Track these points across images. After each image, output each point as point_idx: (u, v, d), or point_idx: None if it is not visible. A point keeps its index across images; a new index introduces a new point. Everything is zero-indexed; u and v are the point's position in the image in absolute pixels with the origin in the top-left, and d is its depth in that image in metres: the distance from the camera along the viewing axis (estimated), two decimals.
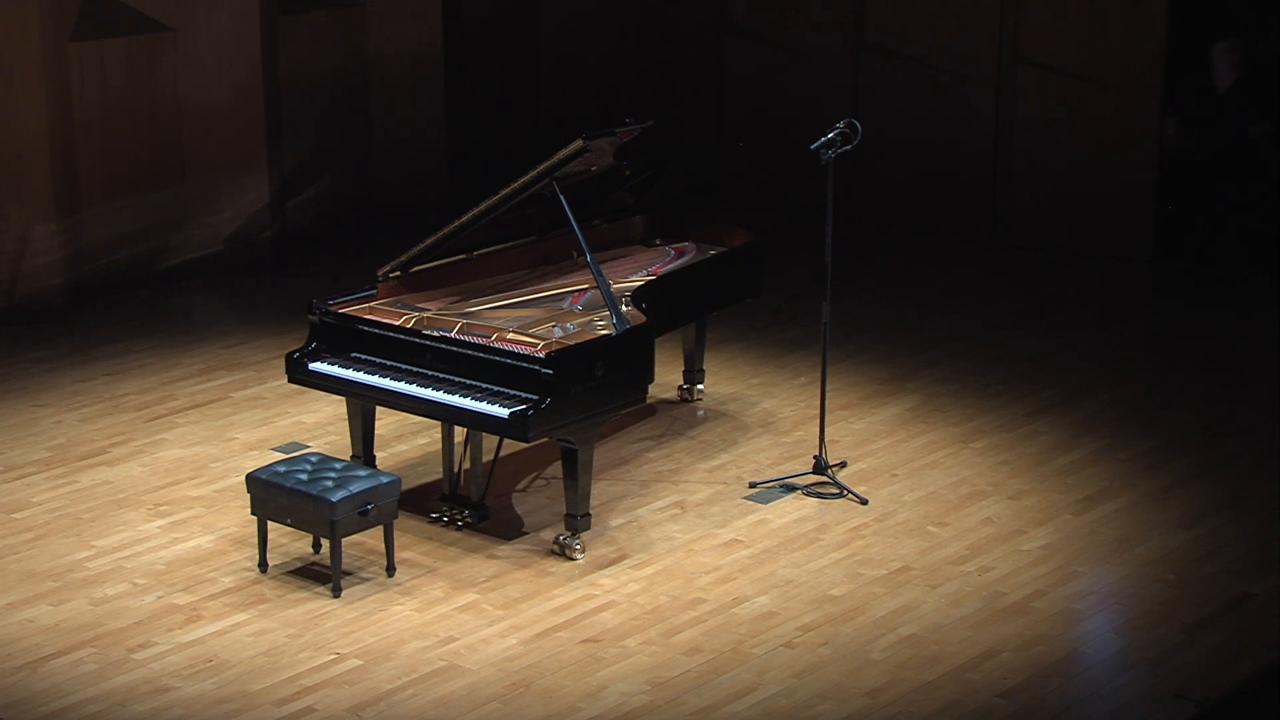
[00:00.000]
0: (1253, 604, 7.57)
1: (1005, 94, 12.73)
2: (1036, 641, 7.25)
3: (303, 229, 12.62)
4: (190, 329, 11.18)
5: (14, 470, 8.98)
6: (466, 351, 7.91)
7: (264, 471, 7.76)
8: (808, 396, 9.71)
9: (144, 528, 8.31)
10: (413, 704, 6.82)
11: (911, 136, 13.07)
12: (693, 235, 9.63)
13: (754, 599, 7.61)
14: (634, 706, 6.79)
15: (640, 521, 8.36)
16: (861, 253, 12.43)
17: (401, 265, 8.55)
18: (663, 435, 9.40)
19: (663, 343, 8.66)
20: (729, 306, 9.51)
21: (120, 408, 9.82)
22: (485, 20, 13.93)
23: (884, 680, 6.96)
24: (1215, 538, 8.19)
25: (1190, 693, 6.83)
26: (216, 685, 6.93)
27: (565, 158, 8.14)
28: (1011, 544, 8.12)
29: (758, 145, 13.20)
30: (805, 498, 8.60)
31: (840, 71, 13.40)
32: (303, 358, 8.31)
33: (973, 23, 12.80)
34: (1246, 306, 11.54)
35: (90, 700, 6.82)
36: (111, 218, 11.65)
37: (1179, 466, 8.98)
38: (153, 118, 11.74)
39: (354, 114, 12.89)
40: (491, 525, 8.26)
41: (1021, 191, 12.76)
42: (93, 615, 7.48)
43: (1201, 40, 12.00)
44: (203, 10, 11.75)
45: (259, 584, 7.75)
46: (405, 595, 7.64)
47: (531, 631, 7.34)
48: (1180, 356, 10.64)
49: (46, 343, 10.85)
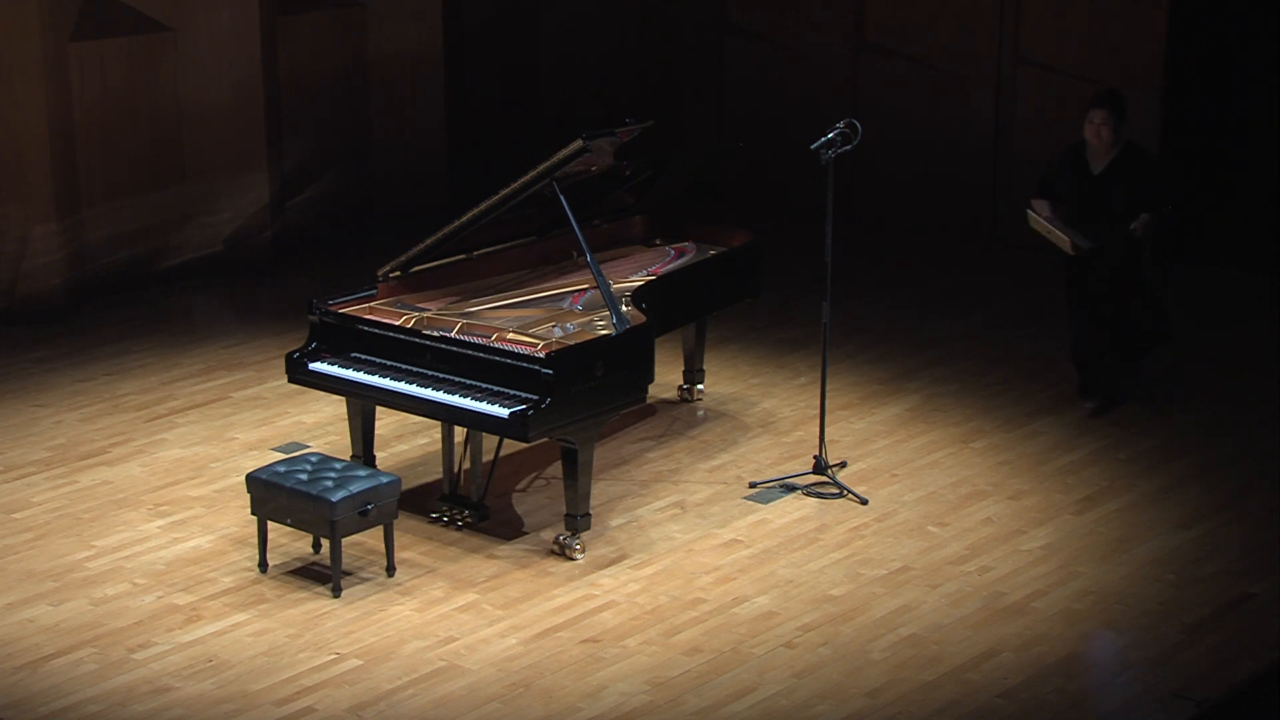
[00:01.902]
0: (1253, 604, 7.57)
1: (1005, 94, 12.73)
2: (1036, 641, 7.25)
3: (303, 229, 12.61)
4: (190, 329, 11.18)
5: (14, 470, 8.98)
6: (466, 351, 7.91)
7: (264, 471, 7.76)
8: (808, 396, 9.71)
9: (144, 528, 8.31)
10: (413, 704, 6.82)
11: (911, 136, 13.07)
12: (693, 235, 9.63)
13: (754, 599, 7.61)
14: (634, 706, 6.79)
15: (640, 521, 8.36)
16: (861, 253, 12.42)
17: (401, 265, 8.55)
18: (663, 435, 9.40)
19: (663, 343, 8.66)
20: (729, 306, 9.51)
21: (120, 408, 9.82)
22: (485, 20, 13.92)
23: (884, 680, 6.96)
24: (1215, 538, 8.19)
25: (1190, 693, 6.83)
26: (216, 685, 6.93)
27: (565, 158, 8.14)
28: (1011, 544, 8.12)
29: (757, 145, 13.18)
30: (805, 498, 8.60)
31: (840, 71, 13.40)
32: (303, 358, 8.31)
33: (973, 23, 12.79)
34: (1247, 306, 11.53)
35: (90, 700, 6.83)
36: (111, 218, 11.64)
37: (1179, 466, 8.98)
38: (153, 118, 11.73)
39: (354, 114, 12.88)
40: (491, 525, 8.26)
41: (1021, 192, 12.73)
42: (93, 615, 7.48)
43: (1201, 40, 12.01)
44: (203, 10, 11.74)
45: (259, 584, 7.75)
46: (405, 595, 7.64)
47: (531, 631, 7.34)
48: (1180, 356, 10.64)
49: (46, 343, 10.85)
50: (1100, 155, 9.36)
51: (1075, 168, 9.42)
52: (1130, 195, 9.28)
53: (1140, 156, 9.41)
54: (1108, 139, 9.29)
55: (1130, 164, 9.33)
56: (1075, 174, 9.41)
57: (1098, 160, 9.37)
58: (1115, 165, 9.34)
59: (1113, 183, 9.32)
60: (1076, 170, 9.41)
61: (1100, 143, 9.32)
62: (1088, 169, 9.39)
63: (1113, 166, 9.34)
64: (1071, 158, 9.45)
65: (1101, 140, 9.30)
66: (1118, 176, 9.32)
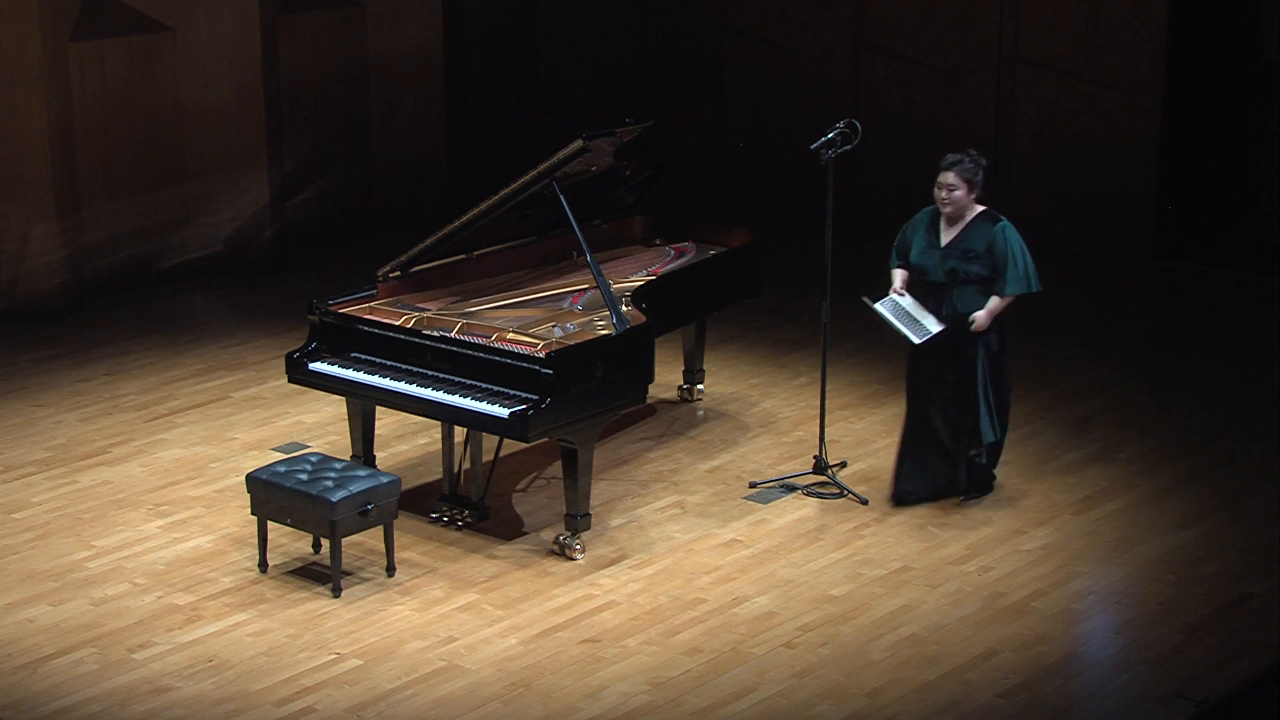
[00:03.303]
0: (1253, 604, 7.57)
1: (1005, 94, 12.73)
2: (1036, 641, 7.25)
3: (303, 229, 12.61)
4: (190, 329, 11.18)
5: (14, 470, 8.98)
6: (466, 351, 7.91)
7: (264, 471, 7.76)
8: (808, 396, 9.71)
9: (144, 528, 8.31)
10: (413, 704, 6.82)
11: (911, 136, 13.07)
12: (693, 235, 9.63)
13: (754, 599, 7.61)
14: (634, 706, 6.79)
15: (640, 521, 8.36)
16: (861, 253, 12.42)
17: (401, 265, 8.55)
18: (663, 435, 9.40)
19: (663, 343, 8.66)
20: (729, 306, 9.51)
21: (120, 408, 9.82)
22: (485, 20, 13.92)
23: (884, 680, 6.96)
24: (1215, 538, 8.19)
25: (1190, 693, 6.83)
26: (216, 685, 6.93)
27: (565, 158, 8.14)
28: (1011, 544, 8.12)
29: (757, 145, 13.18)
30: (805, 498, 8.59)
31: (840, 71, 13.40)
32: (303, 358, 8.31)
33: (972, 23, 12.80)
34: (1247, 306, 11.54)
35: (90, 700, 6.82)
36: (111, 218, 11.65)
37: (1179, 466, 8.98)
38: (153, 118, 11.74)
39: (354, 114, 12.88)
40: (491, 525, 8.26)
41: (1021, 192, 12.76)
42: (93, 615, 7.48)
43: (1201, 40, 12.02)
44: (203, 10, 11.75)
45: (259, 584, 7.75)
46: (405, 595, 7.64)
47: (531, 631, 7.34)
48: (1180, 356, 10.64)
49: (46, 343, 10.85)
50: (950, 223, 8.14)
51: (929, 232, 8.20)
52: (971, 277, 8.08)
53: (987, 232, 8.05)
54: (956, 205, 8.06)
55: (979, 239, 8.07)
56: (927, 242, 8.19)
57: (949, 228, 8.15)
58: (963, 238, 8.11)
59: (957, 259, 8.11)
60: (929, 237, 8.19)
61: (948, 209, 8.10)
62: (939, 237, 8.18)
63: (961, 239, 8.11)
64: (928, 221, 8.23)
65: (949, 207, 8.08)
66: (963, 252, 8.09)
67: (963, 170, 8.08)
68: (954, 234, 8.14)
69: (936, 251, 8.17)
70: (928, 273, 8.19)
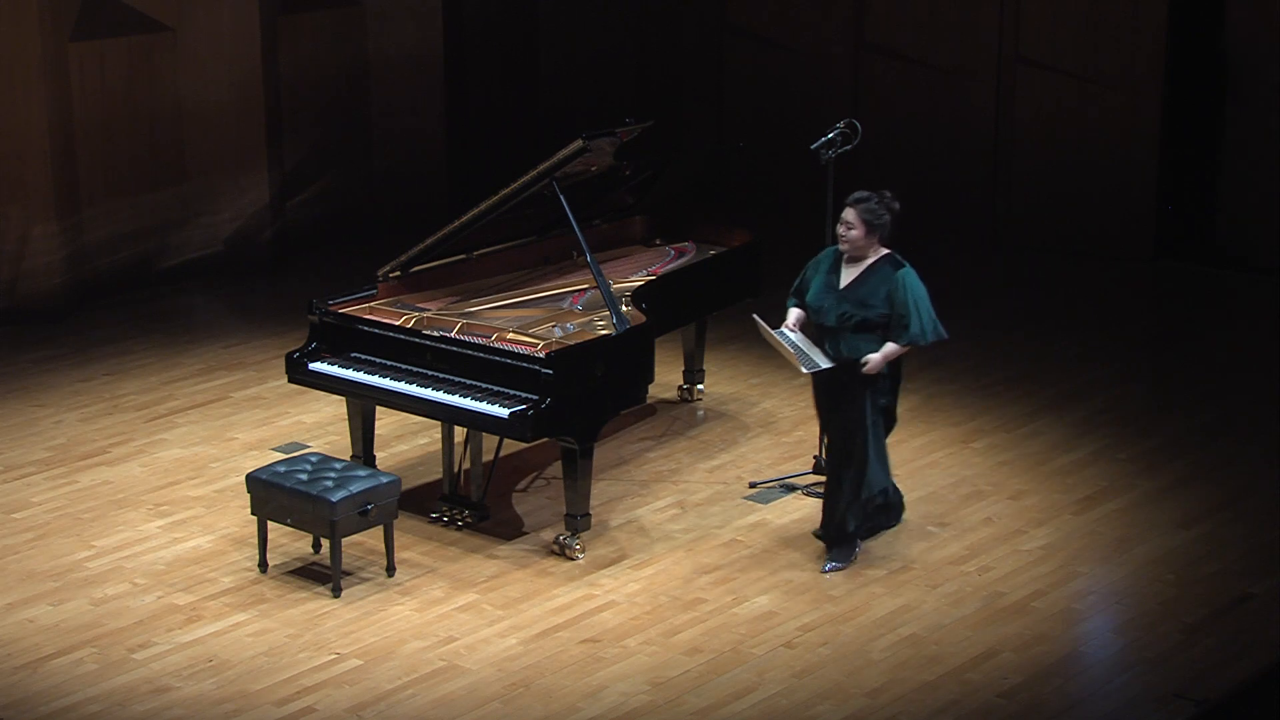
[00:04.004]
0: (1253, 604, 7.57)
1: (1005, 94, 12.73)
2: (1036, 641, 7.25)
3: (303, 229, 12.61)
4: (190, 329, 11.18)
5: (14, 470, 8.98)
6: (466, 351, 7.91)
7: (264, 471, 7.76)
8: (808, 396, 9.68)
9: (144, 528, 8.31)
10: (413, 704, 6.82)
11: (911, 136, 13.07)
12: (693, 235, 9.63)
13: (754, 599, 7.61)
14: (634, 706, 6.79)
15: (640, 521, 8.36)
16: None
17: (401, 265, 8.55)
18: (663, 435, 9.40)
19: (663, 343, 8.66)
20: (729, 306, 9.50)
21: (120, 408, 9.82)
22: (485, 20, 13.92)
23: (884, 680, 6.96)
24: (1215, 538, 8.19)
25: (1190, 693, 6.83)
26: (216, 685, 6.93)
27: (565, 158, 8.14)
28: (1011, 544, 8.12)
29: (757, 145, 13.17)
30: (805, 498, 8.59)
31: (840, 71, 13.40)
32: (303, 358, 8.31)
33: (972, 23, 12.79)
34: (1247, 306, 11.53)
35: (90, 700, 6.82)
36: (111, 218, 11.65)
37: (1179, 466, 8.98)
38: (153, 118, 11.74)
39: (354, 114, 12.89)
40: (491, 525, 8.26)
41: (1021, 192, 12.76)
42: (93, 615, 7.48)
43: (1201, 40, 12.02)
44: (203, 10, 11.75)
45: (259, 584, 7.75)
46: (405, 595, 7.64)
47: (531, 631, 7.34)
48: (1180, 356, 10.64)
49: (46, 343, 10.85)
50: (851, 263, 7.72)
51: (830, 273, 7.78)
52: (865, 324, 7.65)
53: (888, 278, 7.62)
54: (854, 245, 7.63)
55: (877, 287, 7.64)
56: (826, 283, 7.76)
57: (849, 268, 7.72)
58: (861, 283, 7.68)
59: (851, 304, 7.67)
60: (829, 278, 7.77)
61: (845, 248, 7.68)
62: (839, 278, 7.75)
63: (859, 284, 7.68)
64: (831, 262, 7.80)
65: (847, 246, 7.66)
66: (859, 300, 7.66)
67: (865, 210, 7.62)
68: (853, 276, 7.69)
69: (834, 294, 7.70)
70: (822, 313, 7.73)
